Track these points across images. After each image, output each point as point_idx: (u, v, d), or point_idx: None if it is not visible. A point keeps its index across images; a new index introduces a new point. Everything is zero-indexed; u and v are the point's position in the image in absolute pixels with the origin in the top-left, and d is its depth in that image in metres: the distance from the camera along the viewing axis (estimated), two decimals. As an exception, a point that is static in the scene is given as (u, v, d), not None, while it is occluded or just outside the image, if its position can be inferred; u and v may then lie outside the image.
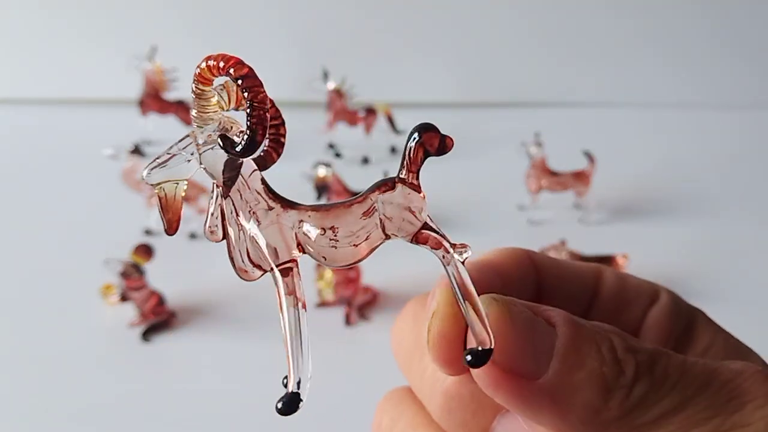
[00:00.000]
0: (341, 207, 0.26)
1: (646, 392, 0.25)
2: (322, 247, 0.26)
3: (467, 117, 1.27)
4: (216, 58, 0.23)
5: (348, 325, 0.76)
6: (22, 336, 0.74)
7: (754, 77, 1.32)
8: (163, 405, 0.66)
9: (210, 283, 0.81)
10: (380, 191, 0.26)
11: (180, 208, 0.25)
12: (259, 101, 0.23)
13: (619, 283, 0.34)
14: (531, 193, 0.95)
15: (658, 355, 0.26)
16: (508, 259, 0.33)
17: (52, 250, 0.89)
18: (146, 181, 0.24)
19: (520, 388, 0.26)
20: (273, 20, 1.29)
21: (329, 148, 1.14)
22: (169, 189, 0.25)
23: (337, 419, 0.64)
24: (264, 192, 0.26)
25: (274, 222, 0.26)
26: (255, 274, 0.26)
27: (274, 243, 0.26)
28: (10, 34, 1.30)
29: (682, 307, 0.34)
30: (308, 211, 0.26)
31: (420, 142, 0.26)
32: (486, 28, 1.31)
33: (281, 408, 0.26)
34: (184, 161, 0.24)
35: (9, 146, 1.18)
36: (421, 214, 0.26)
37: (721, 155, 1.15)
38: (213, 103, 0.24)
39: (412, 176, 0.26)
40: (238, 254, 0.26)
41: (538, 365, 0.26)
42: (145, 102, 1.13)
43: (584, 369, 0.26)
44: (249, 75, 0.23)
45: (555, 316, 0.27)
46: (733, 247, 0.91)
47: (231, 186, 0.25)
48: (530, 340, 0.26)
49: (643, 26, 1.31)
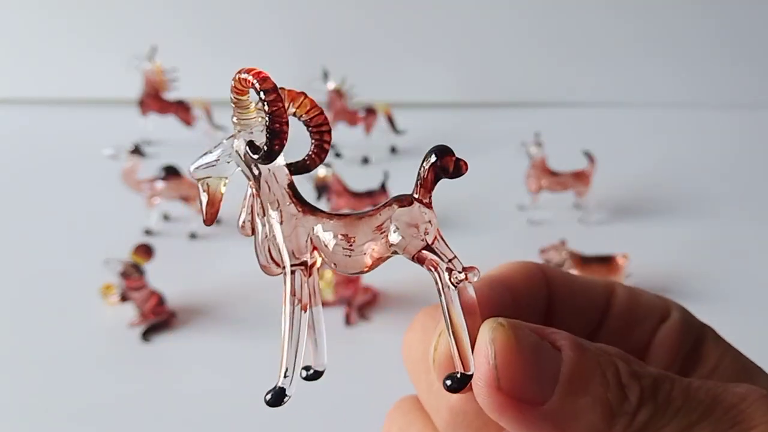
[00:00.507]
0: (357, 217, 0.28)
1: (649, 418, 0.25)
2: (335, 254, 0.27)
3: (467, 117, 1.27)
4: (247, 71, 0.25)
5: (348, 325, 0.76)
6: (22, 336, 0.74)
7: (753, 77, 1.32)
8: (163, 405, 0.66)
9: (210, 283, 0.81)
10: (398, 205, 0.27)
11: (219, 202, 0.27)
12: (277, 115, 0.25)
13: (630, 300, 0.34)
14: (531, 193, 0.95)
15: (662, 379, 0.26)
16: (519, 273, 0.33)
17: (52, 250, 0.89)
18: (193, 176, 0.27)
19: (523, 414, 0.26)
20: (273, 20, 1.29)
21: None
22: (213, 184, 0.27)
23: (337, 419, 0.64)
24: (289, 196, 0.27)
25: (294, 225, 0.27)
26: (275, 271, 0.28)
27: (290, 244, 0.27)
28: (10, 34, 1.30)
29: (692, 324, 0.34)
30: (326, 218, 0.28)
31: (435, 164, 0.27)
32: (486, 28, 1.31)
33: (268, 399, 0.27)
34: (225, 161, 0.27)
35: (9, 146, 1.18)
36: (428, 236, 0.27)
37: (721, 155, 1.15)
38: (251, 110, 0.26)
39: (425, 196, 0.27)
40: (262, 251, 0.28)
41: (543, 390, 0.26)
42: (145, 102, 1.13)
43: (588, 395, 0.26)
44: (271, 90, 0.25)
45: (560, 339, 0.27)
46: (733, 247, 0.91)
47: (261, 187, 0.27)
48: (535, 366, 0.26)
49: (643, 26, 1.31)
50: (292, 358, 0.27)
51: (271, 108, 0.25)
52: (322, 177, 0.89)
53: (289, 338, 0.27)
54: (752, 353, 0.32)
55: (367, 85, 1.14)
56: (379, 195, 0.89)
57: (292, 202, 0.27)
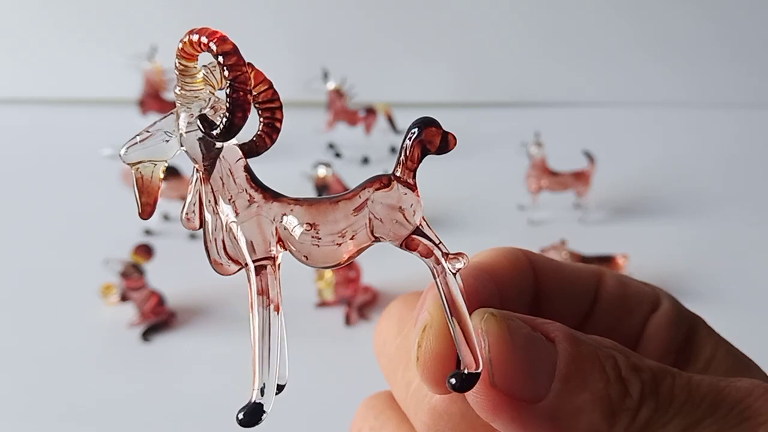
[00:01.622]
0: (328, 202, 0.24)
1: (652, 415, 0.24)
2: (303, 245, 0.24)
3: (467, 117, 1.27)
4: (199, 32, 0.22)
5: (348, 325, 0.76)
6: (22, 336, 0.74)
7: (753, 76, 1.32)
8: (163, 405, 0.66)
9: (210, 283, 0.81)
10: (373, 188, 0.24)
11: (157, 191, 0.23)
12: (240, 81, 0.22)
13: (620, 288, 0.32)
14: (531, 193, 0.95)
15: (663, 373, 0.25)
16: (504, 261, 0.30)
17: (52, 250, 0.89)
18: (123, 160, 0.23)
19: (519, 412, 0.24)
20: (273, 20, 1.29)
21: (329, 148, 1.14)
22: (146, 170, 0.23)
23: (337, 419, 0.64)
24: (247, 180, 0.24)
25: (253, 214, 0.24)
26: (231, 268, 0.24)
27: (252, 236, 0.23)
28: (9, 34, 1.30)
29: (683, 314, 0.32)
30: (292, 204, 0.24)
31: (419, 139, 0.24)
32: (486, 28, 1.31)
33: (242, 419, 0.23)
34: (163, 141, 0.23)
35: (9, 146, 1.18)
36: (414, 217, 0.24)
37: (721, 155, 1.15)
38: (198, 80, 0.23)
39: (408, 174, 0.24)
40: (213, 245, 0.24)
41: (538, 387, 0.24)
42: (145, 102, 1.13)
43: (587, 390, 0.24)
44: (231, 52, 0.21)
45: (554, 330, 0.25)
46: (733, 247, 0.91)
47: (211, 171, 0.23)
48: (529, 360, 0.24)
49: (643, 26, 1.31)
50: (266, 369, 0.23)
51: (232, 73, 0.21)
52: (322, 177, 0.89)
53: (261, 346, 0.23)
54: (752, 352, 0.32)
55: (367, 85, 1.14)
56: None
57: (251, 187, 0.24)
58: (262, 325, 0.23)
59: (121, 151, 0.23)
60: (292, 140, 1.07)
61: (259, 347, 0.23)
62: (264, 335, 0.23)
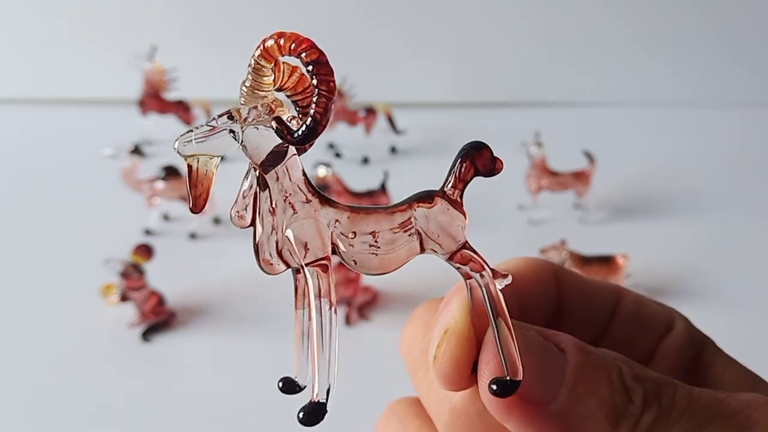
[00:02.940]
0: (382, 212, 0.25)
1: (654, 421, 0.26)
2: (357, 252, 0.25)
3: (467, 117, 1.27)
4: (288, 37, 0.22)
5: (348, 325, 0.76)
6: (22, 336, 0.74)
7: (753, 76, 1.32)
8: (163, 405, 0.66)
9: (210, 283, 0.81)
10: (419, 204, 0.25)
11: (210, 185, 0.23)
12: (328, 90, 0.22)
13: (637, 307, 0.34)
14: (531, 193, 0.95)
15: (666, 384, 0.27)
16: (529, 272, 0.32)
17: (52, 250, 0.89)
18: (178, 152, 0.23)
19: (530, 414, 0.26)
20: (273, 20, 1.29)
21: (329, 148, 1.14)
22: (202, 162, 0.23)
23: (337, 419, 0.64)
24: (304, 183, 0.24)
25: (310, 216, 0.24)
26: (279, 268, 0.25)
27: (306, 238, 0.24)
28: (9, 34, 1.30)
29: (694, 336, 0.34)
30: (347, 211, 0.25)
31: (472, 160, 0.26)
32: (486, 28, 1.31)
33: (304, 418, 0.24)
34: (226, 135, 0.23)
35: (9, 146, 1.18)
36: (461, 233, 0.26)
37: (721, 154, 1.15)
38: (268, 82, 0.23)
39: (457, 193, 0.26)
40: (266, 244, 0.24)
41: (549, 391, 0.26)
42: (145, 102, 1.13)
43: (594, 396, 0.26)
44: (322, 61, 0.22)
45: (565, 341, 0.27)
46: (733, 247, 0.91)
47: (269, 170, 0.24)
48: (542, 366, 0.26)
49: (643, 26, 1.31)
50: (326, 368, 0.25)
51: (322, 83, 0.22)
52: (322, 177, 0.89)
53: (322, 346, 0.24)
54: (752, 352, 0.32)
55: (367, 85, 1.14)
56: (379, 195, 0.89)
57: (308, 190, 0.24)
58: (322, 324, 0.24)
59: (176, 144, 0.23)
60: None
61: (320, 346, 0.24)
62: (324, 334, 0.24)
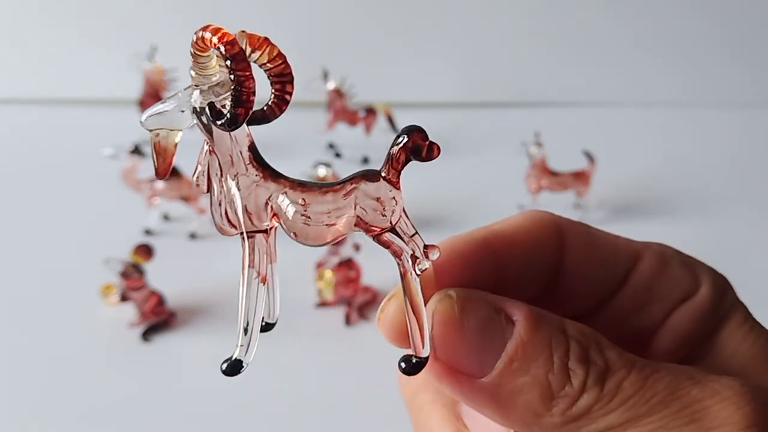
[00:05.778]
0: (321, 189, 0.27)
1: (591, 404, 0.25)
2: (295, 223, 0.26)
3: (467, 117, 1.27)
4: (212, 31, 0.24)
5: (348, 325, 0.76)
6: (22, 336, 0.74)
7: (753, 76, 1.32)
8: (163, 405, 0.66)
9: (210, 283, 0.81)
10: (363, 180, 0.27)
11: (172, 156, 0.26)
12: (243, 85, 0.24)
13: (657, 270, 0.31)
14: (531, 193, 0.95)
15: (618, 366, 0.26)
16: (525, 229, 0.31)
17: (52, 250, 0.89)
18: (142, 125, 0.25)
19: (460, 384, 0.26)
20: (273, 20, 1.29)
21: (329, 148, 1.14)
22: (163, 136, 0.25)
23: (337, 419, 0.64)
24: (250, 158, 0.26)
25: (252, 189, 0.26)
26: (231, 231, 0.27)
27: (249, 208, 0.26)
28: (9, 34, 1.30)
29: (719, 305, 0.31)
30: (288, 185, 0.26)
31: (405, 146, 0.26)
32: (486, 28, 1.31)
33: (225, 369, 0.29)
34: (179, 113, 0.25)
35: (9, 146, 1.18)
36: (393, 215, 0.27)
37: (721, 154, 1.15)
38: (211, 65, 0.25)
39: (393, 175, 0.27)
40: (217, 212, 0.27)
41: (483, 364, 0.26)
42: (145, 102, 1.13)
43: (528, 374, 0.25)
44: (238, 57, 0.24)
45: (517, 313, 0.26)
46: (733, 247, 0.90)
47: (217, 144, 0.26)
48: (478, 339, 0.26)
49: (643, 26, 1.31)
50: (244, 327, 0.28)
51: (238, 78, 0.24)
52: (322, 177, 0.89)
53: (246, 309, 0.28)
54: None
55: (367, 85, 1.14)
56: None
57: (252, 166, 0.26)
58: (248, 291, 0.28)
59: (142, 118, 0.25)
60: (292, 140, 1.07)
61: (243, 308, 0.28)
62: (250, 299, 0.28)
